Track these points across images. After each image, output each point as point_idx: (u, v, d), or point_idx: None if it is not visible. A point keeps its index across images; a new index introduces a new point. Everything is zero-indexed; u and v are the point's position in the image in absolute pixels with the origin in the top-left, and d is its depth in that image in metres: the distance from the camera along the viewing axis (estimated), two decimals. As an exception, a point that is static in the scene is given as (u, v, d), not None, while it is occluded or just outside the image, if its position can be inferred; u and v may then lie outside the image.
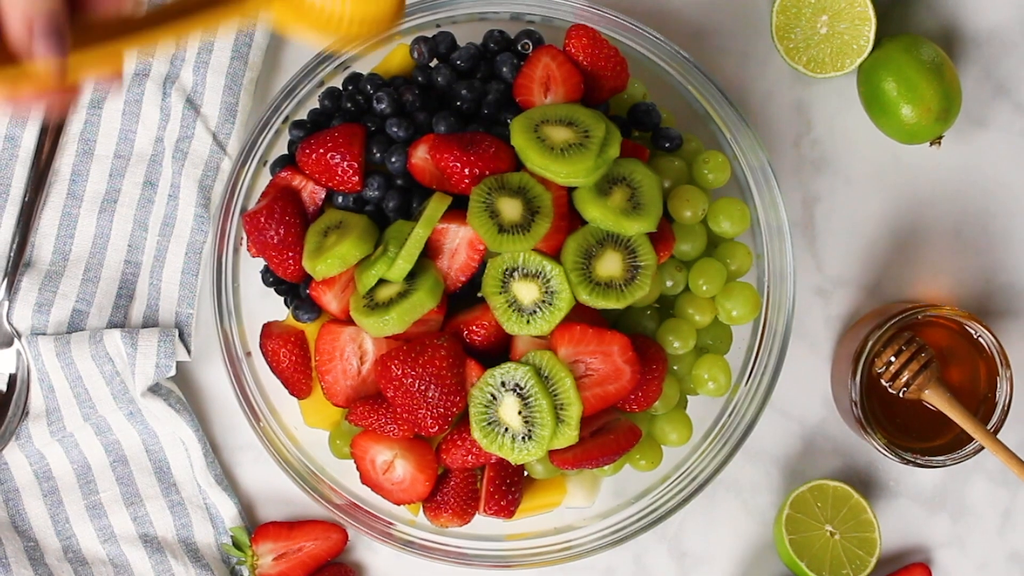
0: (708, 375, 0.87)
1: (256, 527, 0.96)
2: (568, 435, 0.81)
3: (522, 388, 0.81)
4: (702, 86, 0.89)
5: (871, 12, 0.93)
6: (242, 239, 0.89)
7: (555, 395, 0.80)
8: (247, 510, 0.97)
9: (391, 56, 0.90)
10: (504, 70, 0.87)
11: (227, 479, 0.96)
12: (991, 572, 0.97)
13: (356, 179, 0.85)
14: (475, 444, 0.83)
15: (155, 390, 0.94)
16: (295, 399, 0.89)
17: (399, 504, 0.87)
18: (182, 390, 0.96)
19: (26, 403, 0.94)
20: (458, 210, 0.82)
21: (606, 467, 0.86)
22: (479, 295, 0.83)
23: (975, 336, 0.91)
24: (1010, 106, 0.97)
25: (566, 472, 0.86)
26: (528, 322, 0.81)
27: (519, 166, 0.83)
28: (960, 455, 0.91)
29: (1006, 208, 0.97)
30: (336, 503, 0.89)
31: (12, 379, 0.94)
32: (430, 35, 0.89)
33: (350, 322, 0.85)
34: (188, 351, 0.95)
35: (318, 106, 0.89)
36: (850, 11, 0.93)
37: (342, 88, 0.89)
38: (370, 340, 0.85)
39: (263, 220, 0.85)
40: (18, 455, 0.94)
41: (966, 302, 0.97)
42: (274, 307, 0.90)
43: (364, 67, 0.90)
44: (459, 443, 0.84)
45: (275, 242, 0.85)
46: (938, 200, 0.97)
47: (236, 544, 0.95)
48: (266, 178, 0.89)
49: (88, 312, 0.95)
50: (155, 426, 0.95)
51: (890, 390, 0.91)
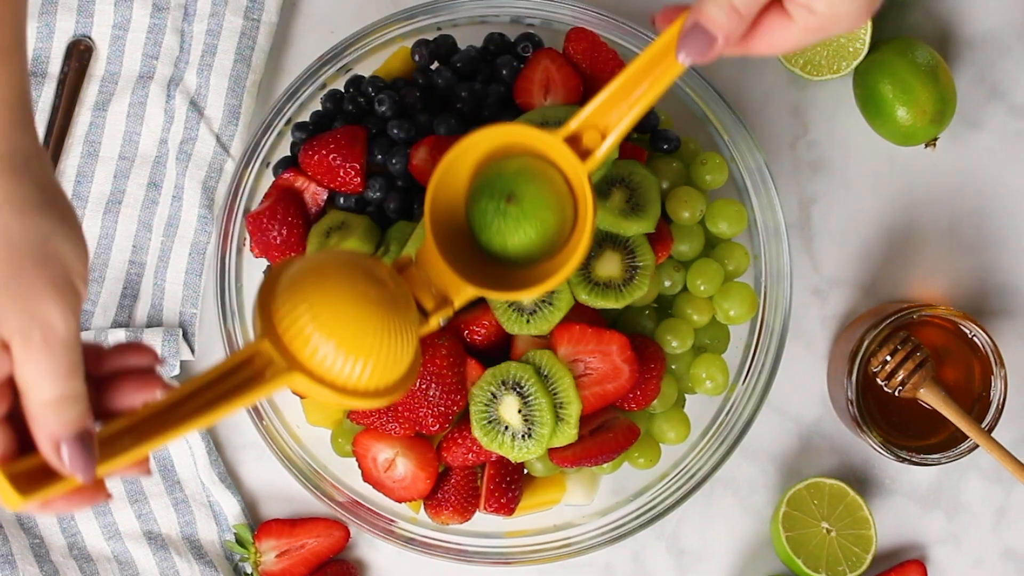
0: (706, 374, 0.87)
1: (259, 524, 0.95)
2: (567, 433, 0.81)
3: (522, 387, 0.81)
4: (700, 89, 0.89)
5: (867, 15, 0.93)
6: (245, 240, 0.89)
7: (554, 394, 0.81)
8: (250, 507, 0.97)
9: (392, 59, 0.90)
10: (504, 72, 0.87)
11: (230, 477, 0.96)
12: (986, 569, 0.97)
13: (358, 180, 0.85)
14: (475, 442, 0.83)
15: (159, 389, 0.94)
16: (297, 398, 0.89)
17: (400, 501, 0.87)
18: (186, 389, 0.96)
19: (32, 402, 0.94)
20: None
21: (605, 465, 0.86)
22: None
23: (970, 336, 0.91)
24: (1004, 108, 0.97)
25: (565, 470, 0.86)
26: (528, 322, 0.81)
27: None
28: (955, 453, 0.91)
29: (1001, 209, 0.97)
30: (338, 501, 0.88)
31: (18, 378, 0.94)
32: (431, 38, 0.89)
33: (352, 322, 0.85)
34: (192, 350, 0.95)
35: (320, 108, 0.89)
36: (846, 14, 0.93)
37: (344, 90, 0.89)
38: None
39: (266, 221, 0.85)
40: (24, 453, 0.94)
41: (961, 302, 0.97)
42: (277, 307, 0.90)
43: (366, 70, 0.90)
44: (460, 441, 0.84)
45: (278, 243, 0.85)
46: (933, 201, 0.97)
47: (239, 541, 0.95)
48: (269, 179, 0.89)
49: (93, 312, 0.94)
50: (159, 424, 0.95)
51: (886, 389, 0.91)
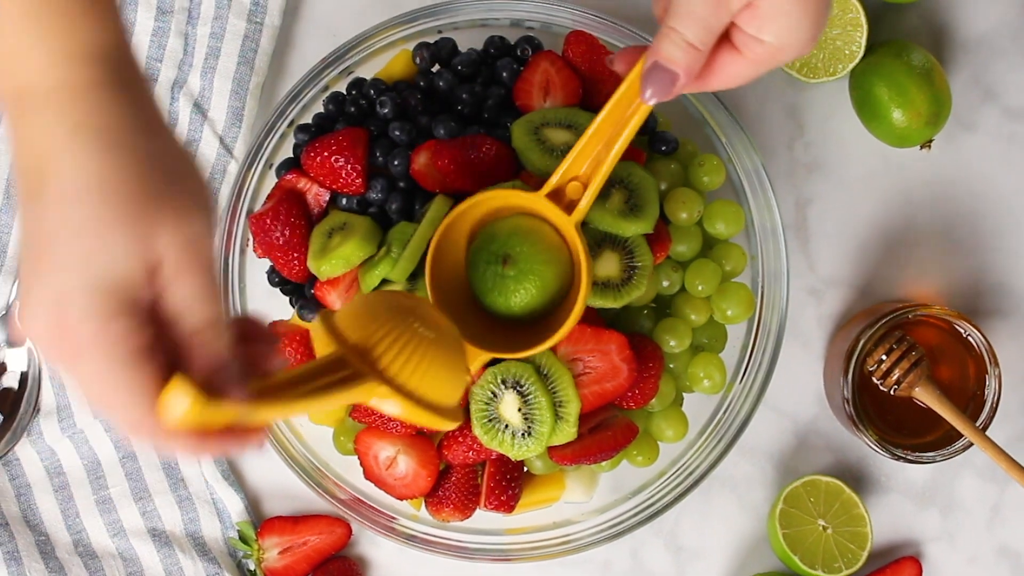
0: (703, 373, 0.88)
1: (262, 521, 0.96)
2: (567, 432, 0.81)
3: (522, 386, 0.81)
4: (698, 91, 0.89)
5: (863, 18, 0.93)
6: (248, 240, 0.89)
7: (554, 392, 0.81)
8: (253, 505, 0.97)
9: (394, 61, 0.90)
10: (504, 75, 0.87)
11: (234, 475, 0.96)
12: (980, 566, 0.97)
13: (360, 181, 0.85)
14: (476, 440, 0.83)
15: (163, 387, 0.94)
16: (300, 396, 0.89)
17: (402, 499, 0.87)
18: (190, 388, 0.96)
19: (37, 400, 0.94)
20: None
21: (604, 463, 0.86)
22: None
23: (964, 335, 0.92)
24: (998, 110, 0.98)
25: (565, 468, 0.86)
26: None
27: (518, 168, 0.83)
28: (950, 451, 0.91)
29: (995, 210, 0.97)
30: (340, 498, 0.89)
31: (24, 377, 0.94)
32: (432, 41, 0.89)
33: (354, 321, 0.85)
34: (196, 350, 0.95)
35: (322, 110, 0.89)
36: (842, 18, 0.93)
37: (346, 93, 0.89)
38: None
39: (269, 222, 0.85)
40: (30, 451, 0.94)
41: (955, 302, 0.97)
42: (280, 307, 0.89)
43: (367, 72, 0.90)
44: (460, 439, 0.84)
45: (280, 243, 0.85)
46: (928, 202, 0.97)
47: (242, 538, 0.95)
48: (272, 181, 0.89)
49: (98, 311, 0.95)
50: (163, 423, 0.95)
51: (881, 388, 0.91)
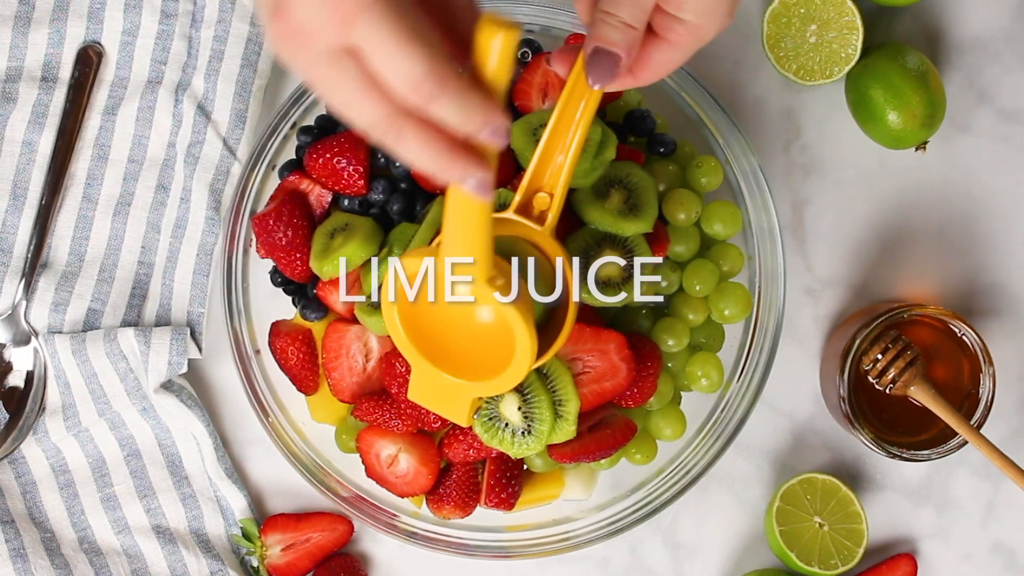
0: (701, 372, 0.88)
1: (265, 519, 0.96)
2: (566, 430, 0.81)
3: (522, 385, 0.81)
4: (696, 93, 0.89)
5: (858, 22, 0.93)
6: (251, 241, 0.89)
7: (554, 391, 0.81)
8: (256, 502, 0.97)
9: (395, 64, 0.90)
10: (504, 77, 0.87)
11: (237, 472, 0.96)
12: (974, 562, 0.97)
13: (361, 183, 0.85)
14: (476, 439, 0.83)
15: (167, 386, 0.94)
16: (302, 395, 0.89)
17: (403, 496, 0.87)
18: (193, 386, 0.96)
19: (43, 399, 0.94)
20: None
21: (603, 461, 0.86)
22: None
23: (959, 334, 0.92)
24: (993, 112, 0.98)
25: (564, 466, 0.86)
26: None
27: (518, 169, 0.83)
28: (944, 449, 0.91)
29: (989, 211, 0.98)
30: (342, 496, 0.89)
31: (30, 376, 0.94)
32: (433, 44, 0.89)
33: (356, 321, 0.85)
34: (199, 349, 0.95)
35: (325, 112, 0.90)
36: (838, 21, 0.93)
37: (348, 95, 0.89)
38: (375, 338, 0.86)
39: (272, 222, 0.85)
40: (35, 449, 0.94)
41: (950, 301, 0.97)
42: (282, 306, 0.90)
43: (369, 75, 0.90)
44: (461, 438, 0.84)
45: (283, 244, 0.85)
46: (923, 203, 0.98)
47: (246, 535, 0.95)
48: (275, 182, 0.89)
49: (103, 311, 0.95)
50: (167, 421, 0.95)
51: (877, 386, 0.91)
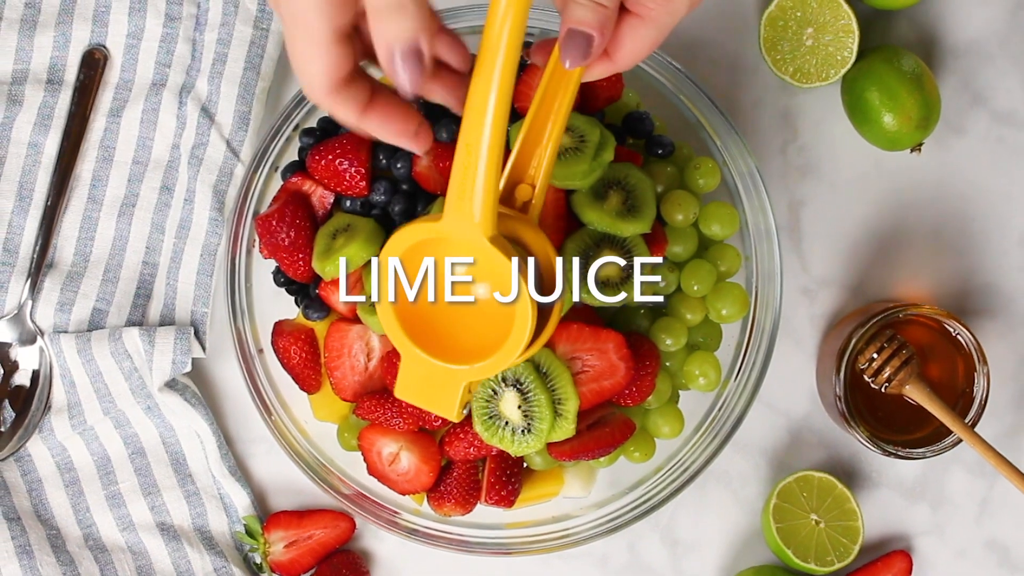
0: (699, 371, 0.88)
1: (268, 516, 0.96)
2: (566, 428, 0.81)
3: (522, 384, 0.81)
4: (693, 95, 0.89)
5: (854, 25, 0.93)
6: (254, 241, 0.89)
7: (553, 390, 0.81)
8: (259, 500, 0.97)
9: (397, 67, 0.90)
10: (504, 80, 0.87)
11: (240, 470, 0.97)
12: (969, 559, 0.98)
13: (363, 184, 0.85)
14: (477, 437, 0.83)
15: (171, 385, 0.94)
16: (305, 394, 0.89)
17: (404, 494, 0.87)
18: (197, 385, 0.96)
19: (48, 398, 0.94)
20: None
21: (602, 459, 0.86)
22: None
23: (953, 334, 0.92)
24: (987, 115, 0.98)
25: (563, 463, 0.87)
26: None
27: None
28: (939, 447, 0.91)
29: (983, 212, 0.98)
30: (344, 493, 0.89)
31: (35, 375, 0.94)
32: (434, 47, 0.89)
33: (357, 321, 0.86)
34: (203, 348, 0.95)
35: (327, 114, 0.90)
36: (834, 24, 0.93)
37: (350, 97, 0.89)
38: (377, 338, 0.86)
39: (275, 223, 0.85)
40: (41, 447, 0.95)
41: (945, 301, 0.97)
42: (285, 306, 0.90)
43: (371, 77, 0.90)
44: (461, 436, 0.84)
45: (286, 244, 0.85)
46: (918, 204, 0.98)
47: (249, 532, 0.95)
48: (277, 183, 0.90)
49: (108, 311, 0.95)
50: (171, 420, 0.95)
51: (872, 385, 0.91)
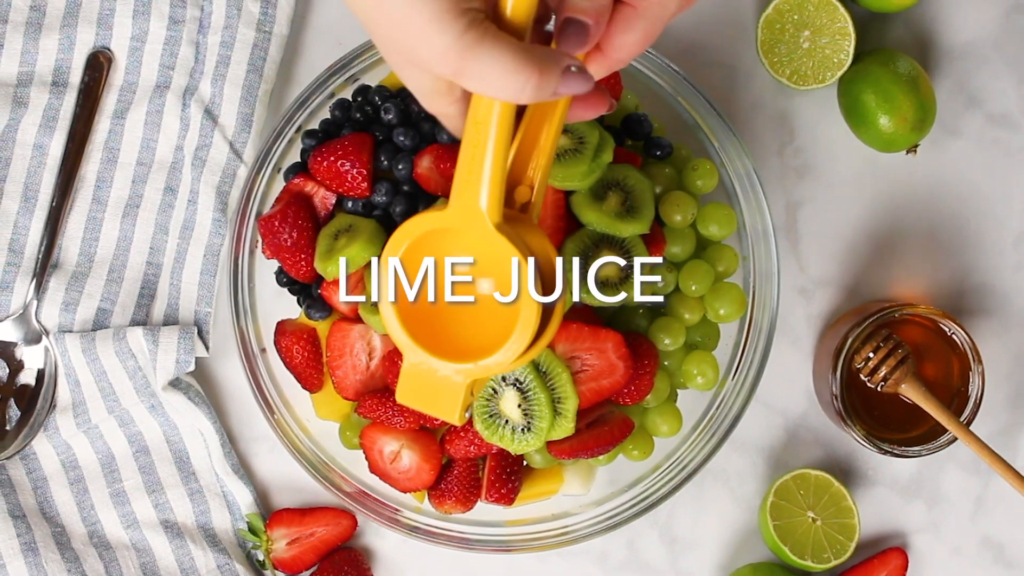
0: (697, 370, 0.88)
1: (270, 513, 0.96)
2: (565, 427, 0.81)
3: (521, 383, 0.81)
4: (691, 98, 0.89)
5: (851, 28, 0.93)
6: (257, 242, 0.89)
7: (553, 389, 0.81)
8: (262, 497, 0.97)
9: (398, 69, 0.90)
10: (504, 82, 0.88)
11: (243, 468, 0.97)
12: (964, 556, 0.98)
13: (365, 185, 0.85)
14: (477, 435, 0.84)
15: (175, 384, 0.94)
16: (307, 393, 0.90)
17: (405, 492, 0.88)
18: (201, 384, 0.96)
19: (54, 396, 0.94)
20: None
21: (601, 457, 0.86)
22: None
23: (949, 333, 0.92)
24: (982, 116, 0.98)
25: (563, 462, 0.87)
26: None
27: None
28: (935, 446, 0.91)
29: (978, 213, 0.98)
30: (346, 491, 0.89)
31: (41, 374, 0.94)
32: (435, 49, 0.89)
33: (359, 320, 0.86)
34: (206, 347, 0.95)
35: (329, 116, 0.90)
36: (831, 27, 0.94)
37: (352, 99, 0.89)
38: (378, 337, 0.86)
39: (277, 224, 0.86)
40: (46, 445, 0.95)
41: (940, 301, 0.98)
42: (287, 306, 0.90)
43: (372, 80, 0.90)
44: (462, 434, 0.85)
45: (288, 245, 0.86)
46: (914, 205, 0.98)
47: (252, 530, 0.95)
48: (280, 184, 0.90)
49: (112, 311, 0.95)
50: (175, 418, 0.95)
51: (868, 384, 0.91)
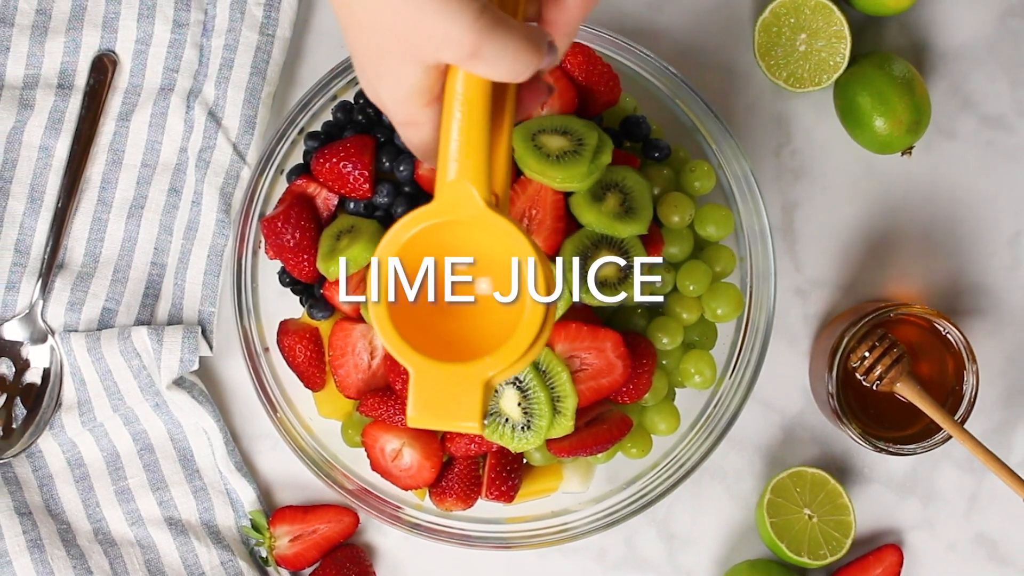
0: (695, 369, 0.88)
1: (273, 511, 0.96)
2: (564, 425, 0.82)
3: (521, 381, 0.81)
4: (689, 100, 0.89)
5: (846, 31, 0.94)
6: (260, 242, 0.90)
7: (552, 388, 0.81)
8: (265, 495, 0.97)
9: (399, 72, 0.90)
10: (504, 84, 0.88)
11: (246, 466, 0.97)
12: (958, 553, 0.98)
13: (367, 186, 0.86)
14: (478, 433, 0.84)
15: (179, 383, 0.94)
16: (310, 391, 0.90)
17: (407, 489, 0.88)
18: (204, 383, 0.97)
19: (59, 395, 0.95)
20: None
21: (599, 455, 0.86)
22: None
23: (943, 332, 0.92)
24: (976, 119, 0.98)
25: (562, 459, 0.87)
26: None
27: (518, 173, 0.84)
28: (929, 444, 0.91)
29: (972, 214, 0.98)
30: (348, 488, 0.89)
31: (46, 373, 0.95)
32: (436, 52, 0.89)
33: (361, 320, 0.86)
34: (210, 347, 0.95)
35: (331, 118, 0.90)
36: (827, 30, 0.94)
37: (354, 102, 0.90)
38: (380, 336, 0.86)
39: (280, 225, 0.86)
40: (52, 444, 0.95)
41: (935, 301, 0.98)
42: (290, 306, 0.90)
43: (374, 82, 0.90)
44: (463, 433, 0.85)
45: (291, 245, 0.86)
46: (909, 206, 0.98)
47: (255, 527, 0.95)
48: (283, 186, 0.90)
49: (117, 310, 0.95)
50: (179, 417, 0.95)
51: (864, 383, 0.92)
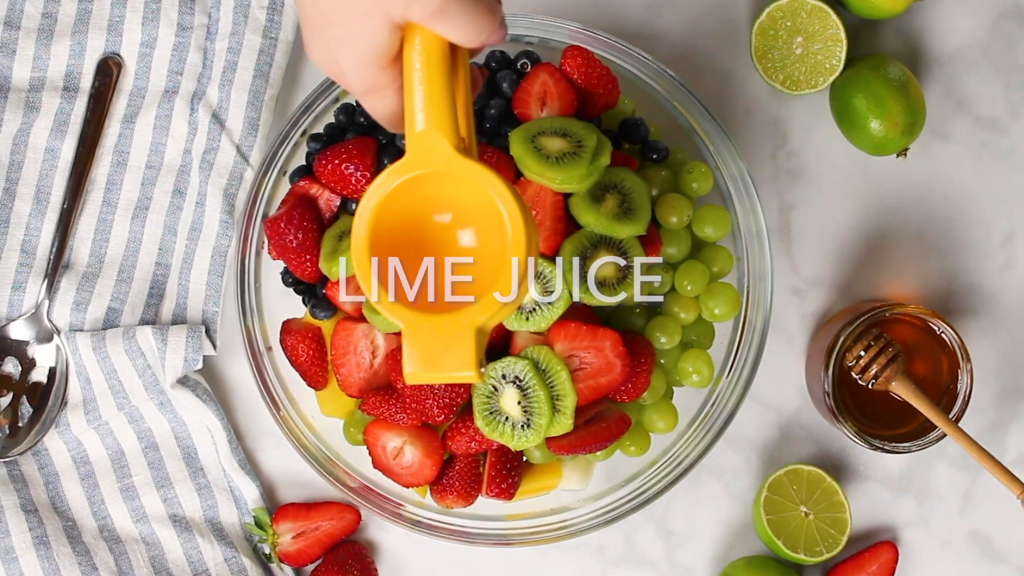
0: (692, 368, 0.88)
1: (276, 508, 0.96)
2: (564, 424, 0.82)
3: (521, 380, 0.81)
4: (687, 102, 0.90)
5: (842, 34, 0.94)
6: (263, 243, 0.90)
7: (552, 387, 0.81)
8: (268, 492, 0.98)
9: (401, 74, 0.90)
10: (504, 87, 0.88)
11: (250, 464, 0.97)
12: (953, 549, 0.98)
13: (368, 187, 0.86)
14: (478, 432, 0.84)
15: (183, 382, 0.95)
16: (312, 390, 0.90)
17: (408, 487, 0.88)
18: (208, 382, 0.97)
19: (65, 394, 0.95)
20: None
21: (598, 453, 0.87)
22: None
23: (938, 332, 0.92)
24: (970, 121, 0.98)
25: (562, 457, 0.87)
26: (527, 319, 0.82)
27: (518, 174, 0.84)
28: (924, 442, 0.92)
29: (967, 214, 0.98)
30: (350, 486, 0.89)
31: (52, 372, 0.95)
32: (437, 55, 0.89)
33: (363, 319, 0.86)
34: (214, 346, 0.95)
35: (334, 120, 0.90)
36: (823, 33, 0.94)
37: (356, 104, 0.89)
38: (381, 336, 0.86)
39: (283, 226, 0.86)
40: (57, 442, 0.95)
41: (930, 301, 0.98)
42: (293, 306, 0.90)
43: (376, 85, 0.90)
44: (463, 431, 0.85)
45: (294, 246, 0.86)
46: (904, 207, 0.98)
47: (258, 524, 0.96)
48: (286, 187, 0.90)
49: (122, 310, 0.95)
50: (183, 415, 0.95)
51: (860, 382, 0.92)
